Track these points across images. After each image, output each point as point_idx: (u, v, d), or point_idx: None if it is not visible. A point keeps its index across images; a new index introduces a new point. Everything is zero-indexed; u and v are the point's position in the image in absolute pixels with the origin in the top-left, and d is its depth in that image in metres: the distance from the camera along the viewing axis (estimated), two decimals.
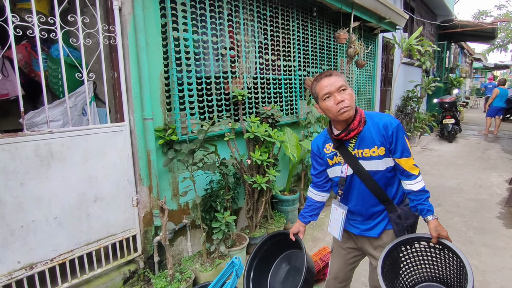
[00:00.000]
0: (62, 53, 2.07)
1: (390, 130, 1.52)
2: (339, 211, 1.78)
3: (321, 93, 1.50)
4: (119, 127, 2.36)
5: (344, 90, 1.49)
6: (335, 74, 1.51)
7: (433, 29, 11.28)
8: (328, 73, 1.52)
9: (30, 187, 1.94)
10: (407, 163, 1.56)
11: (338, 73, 1.53)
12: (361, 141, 1.57)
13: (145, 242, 2.57)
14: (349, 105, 1.48)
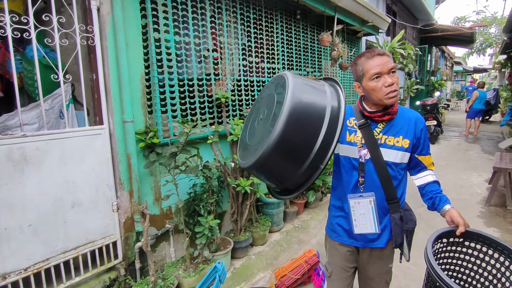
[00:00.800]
0: (36, 54, 2.00)
1: (420, 126, 1.51)
2: (364, 202, 1.55)
3: (371, 72, 1.39)
4: (98, 130, 2.29)
5: (394, 73, 1.40)
6: (387, 54, 1.41)
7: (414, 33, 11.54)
8: (381, 51, 1.40)
9: (1, 193, 1.86)
10: (429, 160, 1.57)
11: (389, 53, 1.43)
12: (390, 127, 1.50)
13: (126, 249, 2.49)
14: (398, 90, 1.42)
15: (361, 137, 1.51)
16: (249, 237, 3.18)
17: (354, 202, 1.56)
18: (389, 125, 1.50)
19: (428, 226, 3.86)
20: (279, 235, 3.64)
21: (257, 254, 3.24)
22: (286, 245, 3.45)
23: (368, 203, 1.54)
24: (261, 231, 3.35)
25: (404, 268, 2.94)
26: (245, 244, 3.13)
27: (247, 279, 2.84)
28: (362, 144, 1.51)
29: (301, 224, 3.93)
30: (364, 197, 1.54)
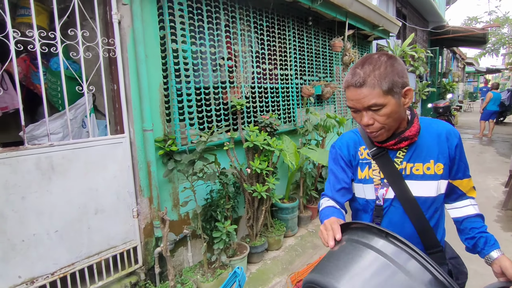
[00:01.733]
0: (63, 67, 2.08)
1: (454, 141, 1.13)
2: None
3: (347, 102, 1.09)
4: (119, 138, 2.37)
5: (377, 111, 1.02)
6: (369, 83, 0.99)
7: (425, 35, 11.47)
8: (358, 81, 1.00)
9: (31, 201, 1.94)
10: (468, 185, 1.19)
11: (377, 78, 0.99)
12: (415, 151, 1.13)
13: (146, 254, 2.56)
14: (382, 128, 1.06)
15: (378, 171, 1.16)
16: (264, 242, 3.21)
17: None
18: (413, 148, 1.13)
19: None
20: (294, 240, 3.67)
21: (273, 259, 3.27)
22: (301, 250, 3.47)
23: None
24: (276, 236, 3.38)
25: None
26: (261, 249, 3.16)
27: (263, 284, 2.87)
28: (380, 179, 1.16)
29: (315, 228, 3.94)
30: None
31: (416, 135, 1.11)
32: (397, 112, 1.04)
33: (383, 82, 0.99)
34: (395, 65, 1.01)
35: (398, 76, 1.00)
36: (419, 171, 1.13)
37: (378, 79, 0.99)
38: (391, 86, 0.99)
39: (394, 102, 1.01)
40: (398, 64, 1.02)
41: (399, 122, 1.10)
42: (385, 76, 0.99)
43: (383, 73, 0.99)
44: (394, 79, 0.99)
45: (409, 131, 1.10)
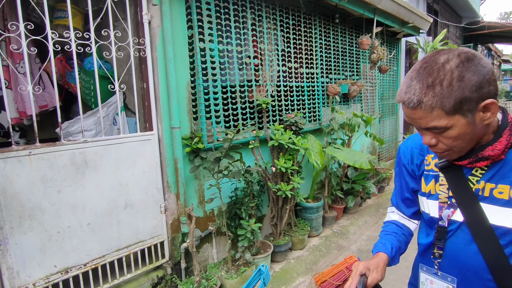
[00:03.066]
0: (96, 66, 2.17)
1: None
2: (439, 285, 1.01)
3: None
4: (148, 136, 2.43)
5: (441, 133, 0.81)
6: (425, 105, 0.77)
7: (458, 31, 10.98)
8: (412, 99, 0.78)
9: (66, 194, 2.03)
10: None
11: (438, 97, 0.75)
12: (501, 170, 0.87)
13: (172, 249, 2.61)
14: (450, 150, 0.85)
15: (446, 187, 0.94)
16: (288, 241, 3.20)
17: (425, 277, 1.04)
18: (498, 165, 0.87)
19: None
20: (318, 240, 3.63)
21: (296, 258, 3.25)
22: (325, 250, 3.43)
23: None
24: (300, 235, 3.36)
25: None
26: (285, 248, 3.15)
27: (286, 283, 2.86)
28: (448, 197, 0.94)
29: (340, 229, 3.88)
30: (441, 278, 0.99)
31: (499, 155, 0.85)
32: (470, 133, 0.80)
33: (445, 102, 0.75)
34: (466, 76, 0.74)
35: (472, 90, 0.74)
36: (503, 194, 0.86)
37: (439, 98, 0.75)
38: (460, 104, 0.75)
39: (464, 123, 0.78)
40: (473, 72, 0.74)
41: (476, 141, 0.85)
42: (449, 94, 0.74)
43: (446, 91, 0.74)
44: (464, 95, 0.74)
45: (491, 149, 0.84)
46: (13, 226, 1.84)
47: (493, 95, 0.77)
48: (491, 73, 0.76)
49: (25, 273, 1.91)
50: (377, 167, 5.22)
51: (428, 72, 0.77)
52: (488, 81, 0.76)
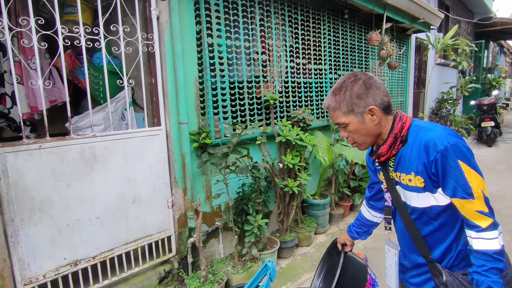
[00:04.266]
0: (105, 61, 2.18)
1: (431, 154, 1.04)
2: (391, 253, 1.38)
3: None
4: (156, 131, 2.45)
5: (345, 127, 1.17)
6: (332, 106, 1.15)
7: (469, 27, 10.79)
8: (326, 104, 1.18)
9: (75, 188, 2.06)
10: (465, 207, 1.03)
11: (338, 101, 1.13)
12: (399, 162, 1.18)
13: (179, 243, 2.63)
14: (355, 142, 1.20)
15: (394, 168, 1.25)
16: (294, 238, 3.20)
17: (387, 247, 1.40)
18: (397, 158, 1.18)
19: None
20: (325, 237, 3.62)
21: (303, 255, 3.25)
22: None
23: (394, 255, 1.36)
24: (306, 232, 3.35)
25: None
26: (291, 245, 3.15)
27: (293, 279, 2.86)
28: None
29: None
30: (392, 247, 1.38)
31: (387, 152, 1.17)
32: (363, 128, 1.14)
33: (341, 105, 1.13)
34: (354, 89, 1.11)
35: (357, 97, 1.11)
36: (404, 180, 1.17)
37: (338, 103, 1.13)
38: (351, 107, 1.12)
39: (356, 121, 1.13)
40: (358, 87, 1.11)
41: (374, 137, 1.18)
42: (343, 99, 1.12)
43: (341, 98, 1.13)
44: (352, 101, 1.11)
45: (381, 149, 1.18)
46: (23, 219, 1.87)
47: (378, 105, 1.12)
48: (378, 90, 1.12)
49: (36, 264, 1.94)
50: None
51: (337, 86, 1.15)
52: (373, 95, 1.11)
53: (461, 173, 1.01)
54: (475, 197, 1.01)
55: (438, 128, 1.09)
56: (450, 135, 1.05)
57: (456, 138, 1.05)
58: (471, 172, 1.01)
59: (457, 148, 1.02)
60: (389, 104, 1.14)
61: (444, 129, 1.08)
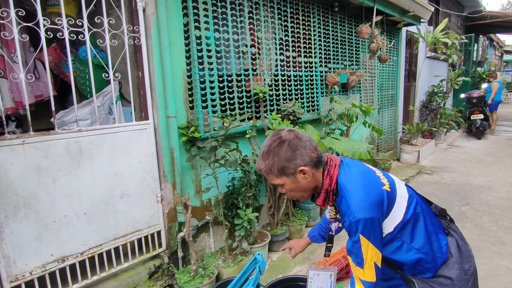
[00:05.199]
0: (90, 54, 2.14)
1: (344, 221, 1.16)
2: (324, 276, 1.52)
3: None
4: (143, 125, 2.42)
5: (282, 186, 1.23)
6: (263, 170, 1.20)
7: (459, 21, 10.85)
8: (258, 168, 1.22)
9: (61, 184, 2.03)
10: (353, 269, 1.19)
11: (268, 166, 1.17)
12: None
13: (169, 238, 2.62)
14: (293, 197, 1.27)
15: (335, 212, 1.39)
16: (285, 231, 3.21)
17: (313, 273, 1.55)
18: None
19: (474, 226, 3.67)
20: None
21: None
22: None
23: (328, 277, 1.53)
24: (297, 225, 3.37)
25: None
26: (282, 238, 3.16)
27: (284, 272, 2.88)
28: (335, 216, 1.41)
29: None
30: (326, 270, 1.52)
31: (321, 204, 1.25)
32: (298, 187, 1.20)
33: (273, 169, 1.17)
34: (280, 153, 1.15)
35: (285, 161, 1.15)
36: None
37: (269, 167, 1.18)
38: (282, 170, 1.16)
39: (290, 181, 1.19)
40: (285, 151, 1.14)
41: (311, 190, 1.24)
42: (272, 164, 1.16)
43: (271, 163, 1.16)
44: (282, 165, 1.15)
45: (317, 201, 1.25)
46: (8, 215, 1.84)
47: (307, 164, 1.16)
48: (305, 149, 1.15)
49: (22, 261, 1.91)
50: (375, 157, 5.22)
51: (264, 150, 1.18)
52: (301, 155, 1.15)
53: (359, 245, 1.12)
54: (365, 267, 1.13)
55: (356, 198, 1.13)
56: (361, 210, 1.11)
57: (364, 214, 1.10)
58: (369, 246, 1.11)
59: (361, 223, 1.10)
60: (318, 159, 1.18)
61: (359, 200, 1.12)
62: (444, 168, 6.02)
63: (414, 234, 1.20)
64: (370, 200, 1.12)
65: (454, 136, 9.18)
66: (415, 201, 1.24)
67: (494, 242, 3.27)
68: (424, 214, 1.25)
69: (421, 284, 1.23)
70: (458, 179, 5.32)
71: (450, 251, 1.24)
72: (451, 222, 1.36)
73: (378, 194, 1.14)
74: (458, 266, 1.22)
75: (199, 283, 2.42)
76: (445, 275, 1.21)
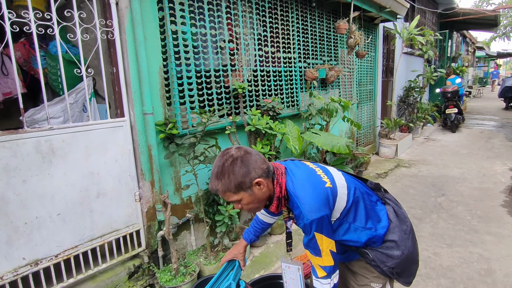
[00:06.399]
0: (60, 49, 2.06)
1: (299, 223, 1.27)
2: (293, 269, 1.57)
3: None
4: (119, 122, 2.35)
5: (239, 202, 1.28)
6: (221, 191, 1.23)
7: (434, 18, 11.16)
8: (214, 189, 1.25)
9: (32, 184, 1.95)
10: (312, 259, 1.33)
11: (225, 185, 1.22)
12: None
13: (149, 237, 2.57)
14: (249, 210, 1.32)
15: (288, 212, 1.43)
16: None
17: (285, 265, 1.59)
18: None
19: (449, 216, 3.79)
20: None
21: (276, 243, 3.27)
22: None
23: (296, 270, 1.56)
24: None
25: (424, 257, 2.92)
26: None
27: (266, 267, 2.88)
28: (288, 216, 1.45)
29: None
30: (294, 264, 1.57)
31: (275, 211, 1.32)
32: (255, 199, 1.26)
33: (230, 187, 1.21)
34: (235, 170, 1.20)
35: (243, 177, 1.20)
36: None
37: (226, 186, 1.21)
38: (239, 186, 1.21)
39: (247, 195, 1.24)
40: (239, 168, 1.20)
41: (265, 200, 1.31)
42: (229, 182, 1.20)
43: (227, 181, 1.20)
44: (239, 181, 1.20)
45: (271, 208, 1.31)
46: None
47: (261, 175, 1.23)
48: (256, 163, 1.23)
49: None
50: (355, 152, 5.30)
51: (218, 171, 1.22)
52: (254, 169, 1.22)
53: (315, 240, 1.26)
54: (322, 255, 1.28)
55: (305, 203, 1.23)
56: (311, 212, 1.22)
57: (315, 215, 1.21)
58: (323, 238, 1.26)
59: (314, 223, 1.22)
60: (268, 169, 1.27)
61: (309, 204, 1.23)
62: (421, 161, 6.19)
63: (357, 215, 1.37)
64: (318, 201, 1.24)
65: (430, 130, 9.45)
66: (353, 187, 1.39)
67: (467, 231, 3.39)
68: (363, 196, 1.41)
69: (372, 253, 1.40)
70: (435, 171, 5.49)
71: (389, 218, 1.42)
72: (385, 193, 1.54)
73: (323, 194, 1.26)
74: (398, 229, 1.40)
75: (180, 281, 2.39)
76: (390, 239, 1.39)
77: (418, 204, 4.14)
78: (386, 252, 1.39)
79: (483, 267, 2.77)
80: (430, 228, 3.49)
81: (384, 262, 1.39)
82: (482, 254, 2.97)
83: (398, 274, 1.41)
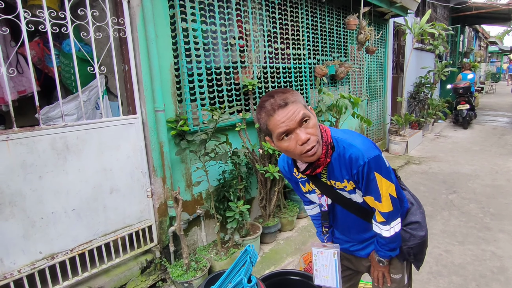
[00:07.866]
0: (74, 48, 2.09)
1: (354, 168, 1.18)
2: (327, 254, 1.45)
3: (277, 131, 1.10)
4: (131, 119, 2.39)
5: (307, 121, 1.11)
6: (291, 100, 1.08)
7: (446, 12, 10.96)
8: (282, 101, 1.08)
9: (48, 180, 1.99)
10: (374, 204, 1.26)
11: (294, 95, 1.11)
12: (330, 172, 1.27)
13: (160, 233, 2.61)
14: (316, 142, 1.13)
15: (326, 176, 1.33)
16: (277, 223, 3.23)
17: (317, 251, 1.47)
18: (328, 170, 1.26)
19: (461, 213, 3.75)
20: (307, 221, 3.67)
21: (286, 239, 3.29)
22: (314, 231, 3.47)
23: (331, 255, 1.44)
24: (289, 217, 3.39)
25: (435, 255, 2.89)
26: (274, 230, 3.18)
27: (276, 263, 2.90)
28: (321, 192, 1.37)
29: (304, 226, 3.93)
30: (329, 249, 1.44)
31: (324, 161, 1.21)
32: (316, 123, 1.16)
33: (299, 98, 1.12)
34: (295, 92, 1.14)
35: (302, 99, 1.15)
36: (339, 186, 1.28)
37: (295, 97, 1.11)
38: (304, 103, 1.14)
39: (313, 116, 1.15)
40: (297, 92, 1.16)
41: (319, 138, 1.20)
42: (297, 94, 1.13)
43: (295, 93, 1.13)
44: (302, 99, 1.14)
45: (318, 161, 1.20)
46: None
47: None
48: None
49: (9, 260, 1.88)
50: None
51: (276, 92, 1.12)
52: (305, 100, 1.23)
53: (375, 182, 1.20)
54: (382, 200, 1.23)
55: (358, 142, 1.20)
56: (369, 149, 1.18)
57: (373, 152, 1.18)
58: (382, 180, 1.20)
59: (372, 162, 1.17)
60: None
61: (362, 143, 1.20)
62: (432, 158, 6.12)
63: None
64: (370, 142, 1.22)
65: (441, 126, 9.33)
66: None
67: (480, 229, 3.35)
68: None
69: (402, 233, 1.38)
70: (446, 168, 5.42)
71: (410, 201, 1.44)
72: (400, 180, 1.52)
73: (371, 141, 1.26)
74: (419, 211, 1.43)
75: (191, 276, 2.42)
76: (413, 221, 1.40)
77: (429, 201, 4.10)
78: (410, 231, 1.39)
79: (496, 265, 2.74)
80: (441, 225, 3.46)
81: (405, 240, 1.38)
82: (495, 252, 2.93)
83: (414, 255, 1.41)
